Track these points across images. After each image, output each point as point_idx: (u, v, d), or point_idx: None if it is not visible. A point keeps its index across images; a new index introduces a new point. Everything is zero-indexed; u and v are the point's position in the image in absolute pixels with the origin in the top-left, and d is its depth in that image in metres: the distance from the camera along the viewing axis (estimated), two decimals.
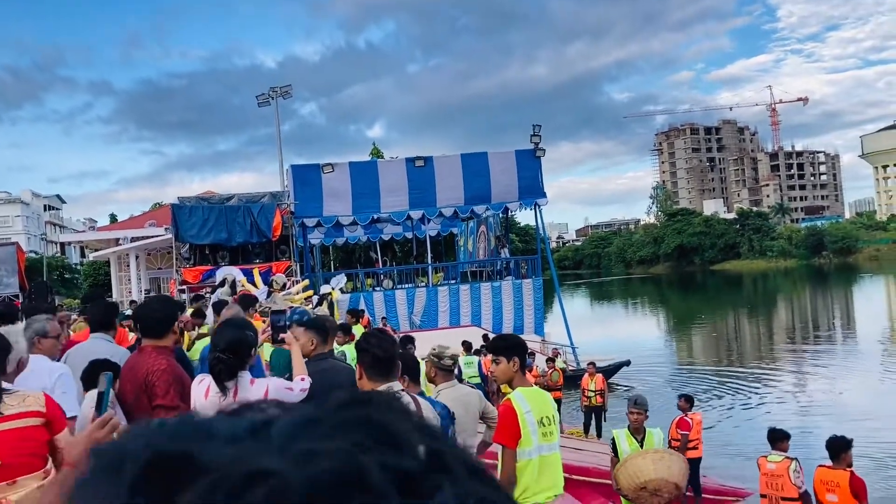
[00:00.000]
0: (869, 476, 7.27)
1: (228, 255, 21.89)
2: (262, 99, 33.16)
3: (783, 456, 7.65)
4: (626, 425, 7.63)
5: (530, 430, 4.02)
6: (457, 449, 0.44)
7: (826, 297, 58.76)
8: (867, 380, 22.74)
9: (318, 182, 23.65)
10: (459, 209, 25.13)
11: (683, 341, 38.17)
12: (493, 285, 25.38)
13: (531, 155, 25.29)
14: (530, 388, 4.29)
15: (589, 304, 68.38)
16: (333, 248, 38.88)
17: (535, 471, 4.01)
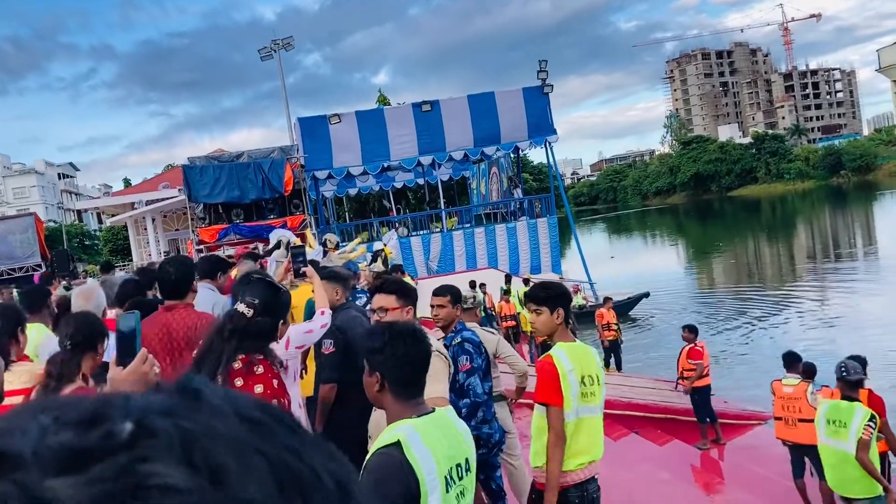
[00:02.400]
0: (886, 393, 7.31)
1: (243, 213, 21.94)
2: (265, 53, 32.77)
3: (799, 379, 7.71)
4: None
5: (571, 393, 3.66)
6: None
7: (846, 217, 58.23)
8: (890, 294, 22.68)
9: (326, 134, 23.54)
10: (469, 152, 24.96)
11: (703, 270, 38.13)
12: (507, 226, 25.35)
13: (539, 92, 24.96)
14: (573, 343, 3.88)
15: (606, 239, 68.22)
16: (346, 199, 38.89)
17: (569, 434, 3.65)
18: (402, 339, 2.47)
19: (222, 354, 3.18)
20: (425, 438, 2.34)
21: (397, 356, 2.45)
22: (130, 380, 1.87)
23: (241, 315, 3.24)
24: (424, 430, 2.37)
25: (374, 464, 2.28)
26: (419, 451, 2.28)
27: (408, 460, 2.25)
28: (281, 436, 0.42)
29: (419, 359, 2.49)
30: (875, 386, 7.33)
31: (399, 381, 2.45)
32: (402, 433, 2.30)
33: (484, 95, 24.90)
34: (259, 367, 3.27)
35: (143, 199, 33.29)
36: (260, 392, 3.23)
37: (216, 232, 21.47)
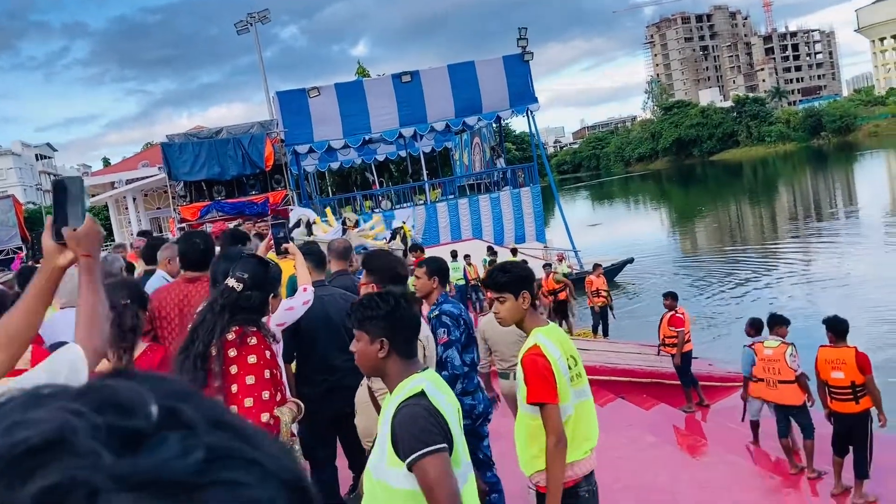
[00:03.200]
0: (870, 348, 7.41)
1: (224, 190, 21.79)
2: (241, 26, 32.33)
3: (780, 341, 7.79)
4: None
5: (566, 381, 3.27)
6: (203, 404, 0.46)
7: (827, 178, 58.59)
8: (871, 255, 22.92)
9: (306, 107, 23.31)
10: (451, 122, 24.82)
11: (686, 235, 38.34)
12: (491, 196, 25.31)
13: (519, 60, 24.79)
14: (549, 325, 3.50)
15: (590, 207, 68.34)
16: (329, 174, 38.65)
17: (574, 425, 3.29)
18: (402, 303, 2.62)
19: (216, 326, 3.28)
20: (438, 387, 2.53)
21: (403, 319, 2.59)
22: (91, 236, 1.80)
23: (232, 289, 3.35)
24: (434, 380, 2.56)
25: (406, 415, 2.39)
26: (440, 398, 2.46)
27: (433, 405, 2.40)
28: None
29: (417, 320, 2.68)
30: (859, 341, 7.41)
31: (403, 342, 2.58)
32: (422, 384, 2.46)
33: (464, 65, 24.71)
34: (252, 338, 3.37)
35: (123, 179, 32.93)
36: (253, 362, 3.32)
37: (198, 209, 21.32)
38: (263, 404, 3.29)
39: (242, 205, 21.23)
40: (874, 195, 40.80)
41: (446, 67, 24.64)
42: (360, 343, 2.60)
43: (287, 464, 0.46)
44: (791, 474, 7.69)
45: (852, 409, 7.03)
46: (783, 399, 7.72)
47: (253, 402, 3.26)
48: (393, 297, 2.64)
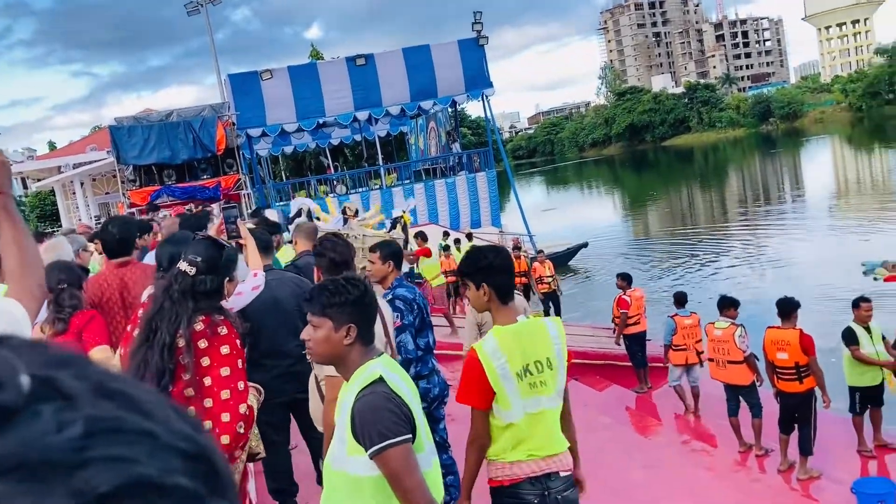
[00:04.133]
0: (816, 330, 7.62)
1: (175, 174, 21.38)
2: (191, 7, 31.68)
3: (729, 322, 7.97)
4: None
5: (506, 389, 3.02)
6: (87, 370, 0.42)
7: (775, 163, 59.89)
8: (816, 238, 23.54)
9: (258, 90, 22.94)
10: (406, 106, 24.68)
11: (639, 219, 38.88)
12: (447, 181, 25.28)
13: (474, 44, 24.72)
14: (514, 324, 3.14)
15: (545, 192, 68.80)
16: (282, 158, 38.18)
17: (517, 434, 3.08)
18: (360, 290, 2.56)
19: (179, 315, 3.12)
20: (395, 372, 2.50)
21: (368, 305, 2.56)
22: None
23: (185, 274, 3.18)
24: (390, 365, 2.53)
25: (364, 405, 2.35)
26: (397, 382, 2.42)
27: (392, 390, 2.36)
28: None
29: (374, 305, 2.65)
30: (805, 321, 7.61)
31: (365, 328, 2.54)
32: (379, 369, 2.42)
33: (419, 48, 24.56)
34: (222, 327, 3.21)
35: (70, 163, 32.08)
36: (226, 353, 3.18)
37: (148, 194, 20.90)
38: (240, 395, 3.18)
39: (194, 189, 20.87)
40: (820, 180, 41.92)
41: (401, 51, 24.46)
42: (322, 330, 2.50)
43: (187, 432, 0.42)
44: (739, 452, 7.89)
45: (797, 389, 7.24)
46: (732, 379, 7.90)
47: (230, 394, 3.14)
48: (360, 282, 2.61)
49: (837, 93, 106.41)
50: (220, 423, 3.06)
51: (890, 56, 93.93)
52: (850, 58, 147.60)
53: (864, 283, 16.56)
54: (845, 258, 19.39)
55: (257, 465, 4.63)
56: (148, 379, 2.99)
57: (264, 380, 4.29)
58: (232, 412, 3.09)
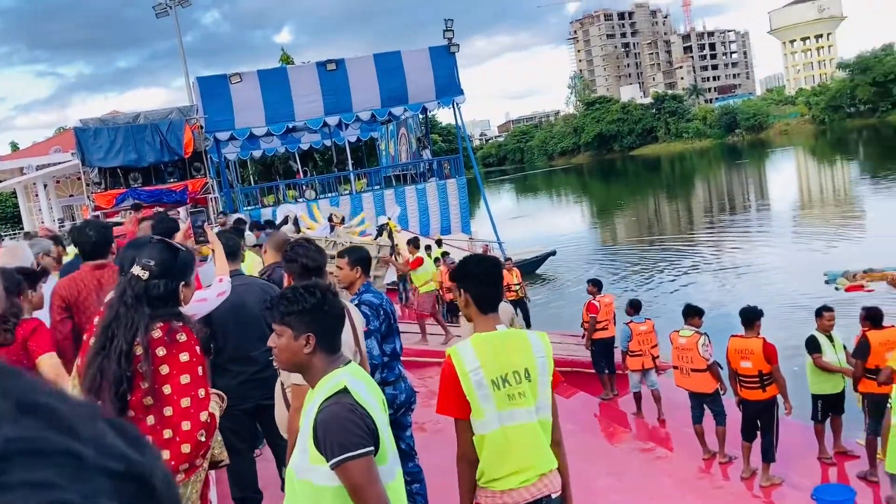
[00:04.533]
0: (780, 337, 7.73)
1: (141, 177, 21.13)
2: (160, 9, 31.42)
3: (693, 331, 8.07)
4: None
5: (479, 397, 2.95)
6: (11, 385, 0.38)
7: (741, 174, 60.79)
8: (780, 247, 23.91)
9: (227, 93, 22.75)
10: (377, 112, 24.64)
11: (606, 227, 39.21)
12: (417, 188, 25.27)
13: (445, 51, 24.79)
14: (492, 332, 3.09)
15: (514, 199, 69.10)
16: (251, 162, 37.95)
17: (496, 447, 2.97)
18: (329, 297, 2.54)
19: (136, 322, 3.04)
20: (361, 381, 2.47)
21: (327, 313, 2.52)
22: None
23: (137, 278, 3.10)
24: (356, 374, 2.50)
25: (327, 416, 2.32)
26: (364, 393, 2.39)
27: (358, 402, 2.34)
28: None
29: (339, 313, 2.58)
30: (769, 329, 7.71)
31: (326, 337, 2.50)
32: (344, 379, 2.39)
33: (390, 55, 24.55)
34: (182, 334, 3.13)
35: (33, 164, 31.54)
36: (186, 360, 3.11)
37: (113, 197, 20.63)
38: (200, 402, 3.11)
39: (160, 192, 20.63)
40: (784, 190, 42.67)
41: (372, 56, 24.43)
42: (283, 338, 2.50)
43: (119, 450, 0.38)
44: (703, 459, 7.97)
45: (759, 397, 7.34)
46: (696, 387, 7.99)
47: (190, 402, 3.07)
48: (319, 290, 2.57)
49: (801, 105, 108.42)
50: (180, 431, 3.01)
51: (851, 71, 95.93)
52: (813, 71, 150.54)
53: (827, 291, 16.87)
54: (808, 267, 19.70)
55: (220, 472, 4.57)
56: (105, 388, 2.93)
57: (229, 386, 4.24)
58: (192, 420, 3.04)
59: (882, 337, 7.34)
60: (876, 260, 18.25)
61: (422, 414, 6.57)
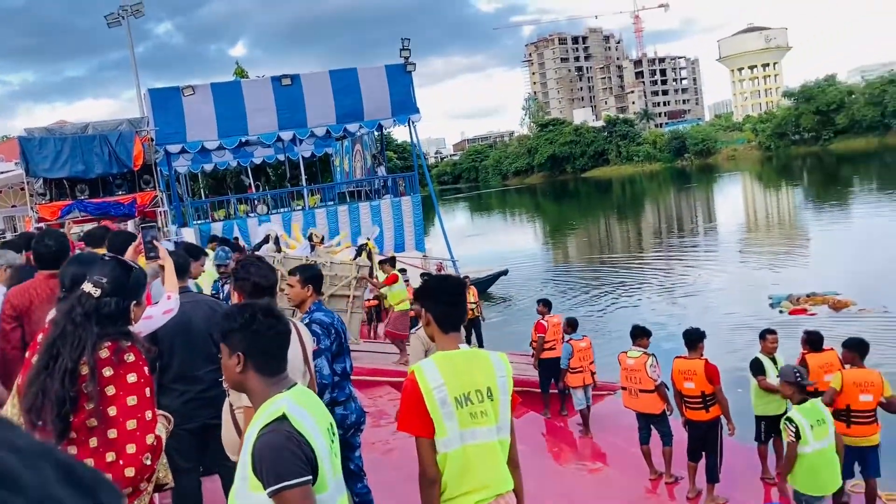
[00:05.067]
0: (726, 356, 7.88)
1: (88, 189, 20.64)
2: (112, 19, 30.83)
3: (641, 352, 8.19)
4: None
5: (442, 415, 2.93)
6: None
7: (689, 197, 62.05)
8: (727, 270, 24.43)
9: (179, 106, 22.45)
10: (332, 128, 24.56)
11: (558, 247, 39.61)
12: (371, 204, 25.22)
13: (402, 70, 24.87)
14: (455, 351, 3.11)
15: (468, 218, 69.40)
16: (202, 175, 37.43)
17: (457, 465, 2.95)
18: (259, 317, 2.47)
19: (82, 340, 2.95)
20: (305, 407, 2.39)
21: (257, 333, 2.45)
22: None
23: (88, 295, 3.02)
24: (299, 399, 2.42)
25: (265, 443, 2.28)
26: (305, 419, 2.33)
27: (297, 430, 2.28)
28: None
29: (278, 335, 2.50)
30: (715, 351, 7.86)
31: (262, 358, 2.45)
32: (283, 405, 2.33)
33: (346, 71, 24.54)
34: (129, 354, 3.06)
35: None
36: (133, 381, 3.04)
37: (58, 209, 20.11)
38: (147, 425, 3.05)
39: (108, 205, 20.19)
40: (731, 214, 43.70)
41: (328, 73, 24.39)
42: (223, 356, 2.51)
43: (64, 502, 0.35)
44: (650, 479, 8.05)
45: (703, 417, 7.47)
46: (644, 407, 8.09)
47: (137, 424, 3.00)
48: (250, 309, 2.52)
49: (748, 132, 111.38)
50: (125, 454, 2.93)
51: (796, 99, 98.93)
52: (760, 99, 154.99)
53: (771, 314, 17.30)
54: (754, 290, 20.20)
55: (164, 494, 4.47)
56: (47, 408, 2.84)
57: (174, 405, 4.16)
58: (138, 443, 2.97)
59: (821, 360, 7.54)
60: (818, 284, 18.83)
61: (371, 434, 6.53)
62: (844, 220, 33.80)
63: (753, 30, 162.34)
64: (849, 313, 16.39)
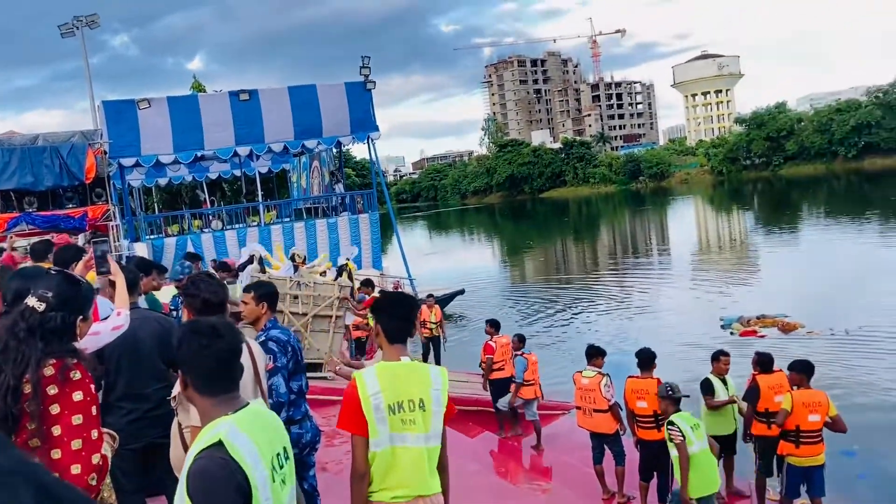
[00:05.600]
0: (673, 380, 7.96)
1: (37, 201, 20.18)
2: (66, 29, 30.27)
3: (596, 371, 8.25)
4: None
5: (375, 419, 3.27)
6: None
7: (643, 219, 63.01)
8: (679, 291, 24.80)
9: (134, 119, 22.10)
10: (289, 144, 24.41)
11: (515, 267, 39.82)
12: (328, 221, 25.08)
13: (362, 87, 24.87)
14: (396, 362, 3.41)
15: (427, 236, 69.45)
16: (156, 190, 36.87)
17: (383, 464, 3.30)
18: (199, 335, 2.40)
19: (26, 357, 2.84)
20: (248, 432, 2.30)
21: (196, 352, 2.38)
22: None
23: (32, 310, 2.91)
24: (244, 423, 2.32)
25: (197, 469, 2.21)
26: (244, 446, 2.25)
27: (232, 458, 2.21)
28: None
29: (222, 353, 2.41)
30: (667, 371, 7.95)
31: (203, 377, 2.39)
32: (222, 431, 2.25)
33: (305, 88, 24.45)
34: (75, 372, 2.95)
35: None
36: (79, 399, 2.93)
37: (5, 221, 19.59)
38: (93, 444, 2.94)
39: (57, 218, 19.75)
40: (684, 236, 44.49)
41: (286, 89, 24.26)
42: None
43: None
44: (603, 499, 8.09)
45: (655, 437, 7.55)
46: (598, 427, 8.14)
47: (82, 444, 2.89)
48: (192, 328, 2.47)
49: (701, 156, 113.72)
50: (69, 475, 2.83)
51: (747, 125, 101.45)
52: (713, 124, 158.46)
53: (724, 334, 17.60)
54: (705, 311, 20.54)
55: None
56: None
57: (119, 424, 4.06)
58: (83, 463, 2.87)
59: (771, 381, 7.67)
60: (768, 306, 19.22)
61: (325, 454, 6.46)
62: (793, 244, 34.65)
63: (707, 57, 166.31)
64: (797, 335, 16.75)
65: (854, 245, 30.78)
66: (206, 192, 34.06)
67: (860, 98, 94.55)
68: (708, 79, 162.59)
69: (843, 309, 18.62)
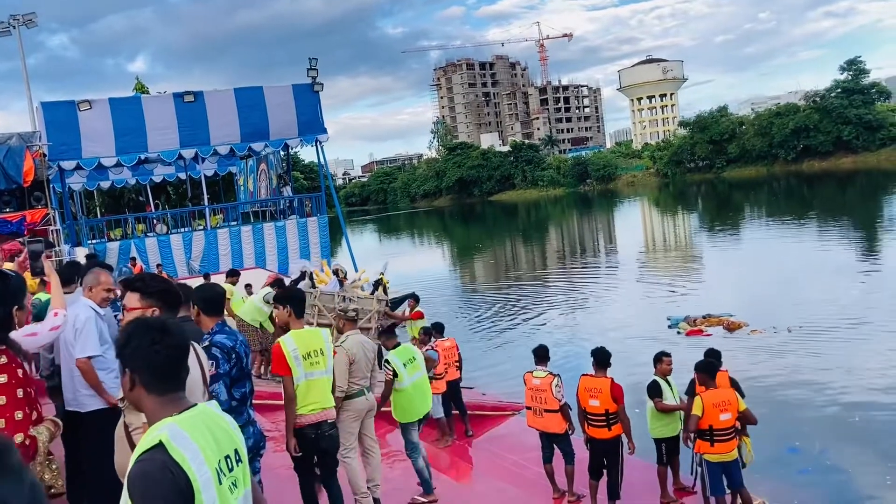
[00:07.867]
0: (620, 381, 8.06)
1: None
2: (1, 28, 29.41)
3: (547, 372, 8.28)
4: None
5: (295, 364, 5.60)
6: None
7: (591, 221, 63.84)
8: (626, 292, 25.16)
9: (75, 121, 21.51)
10: (236, 147, 24.05)
11: (465, 269, 39.93)
12: (276, 225, 24.78)
13: (309, 89, 24.64)
14: (301, 329, 5.78)
15: (376, 239, 69.21)
16: (98, 193, 36.00)
17: (303, 391, 5.65)
18: (147, 333, 2.36)
19: None
20: (190, 433, 2.25)
21: (143, 350, 2.34)
22: None
23: None
24: (188, 424, 2.28)
25: (136, 473, 2.15)
26: (186, 448, 2.20)
27: (173, 460, 2.16)
28: None
29: (170, 352, 2.38)
30: (615, 368, 8.03)
31: (150, 376, 2.35)
32: (163, 433, 2.20)
33: (252, 90, 24.12)
34: (1, 357, 3.13)
35: None
36: (3, 382, 3.08)
37: None
38: (17, 425, 3.05)
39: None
40: (631, 237, 45.21)
41: (233, 90, 23.90)
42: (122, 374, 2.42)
43: None
44: (553, 498, 8.14)
45: (605, 436, 7.62)
46: (548, 427, 8.18)
47: (5, 424, 3.01)
48: (139, 326, 2.42)
49: (647, 159, 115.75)
50: None
51: (691, 129, 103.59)
52: (658, 128, 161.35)
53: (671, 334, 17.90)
54: (653, 311, 20.87)
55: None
56: None
57: None
58: None
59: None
60: (713, 306, 19.62)
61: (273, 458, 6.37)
62: (736, 244, 35.45)
63: (652, 61, 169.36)
64: (742, 334, 17.13)
65: (794, 245, 31.65)
66: (151, 196, 33.35)
67: (799, 102, 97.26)
68: (652, 83, 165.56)
69: (785, 307, 19.12)
